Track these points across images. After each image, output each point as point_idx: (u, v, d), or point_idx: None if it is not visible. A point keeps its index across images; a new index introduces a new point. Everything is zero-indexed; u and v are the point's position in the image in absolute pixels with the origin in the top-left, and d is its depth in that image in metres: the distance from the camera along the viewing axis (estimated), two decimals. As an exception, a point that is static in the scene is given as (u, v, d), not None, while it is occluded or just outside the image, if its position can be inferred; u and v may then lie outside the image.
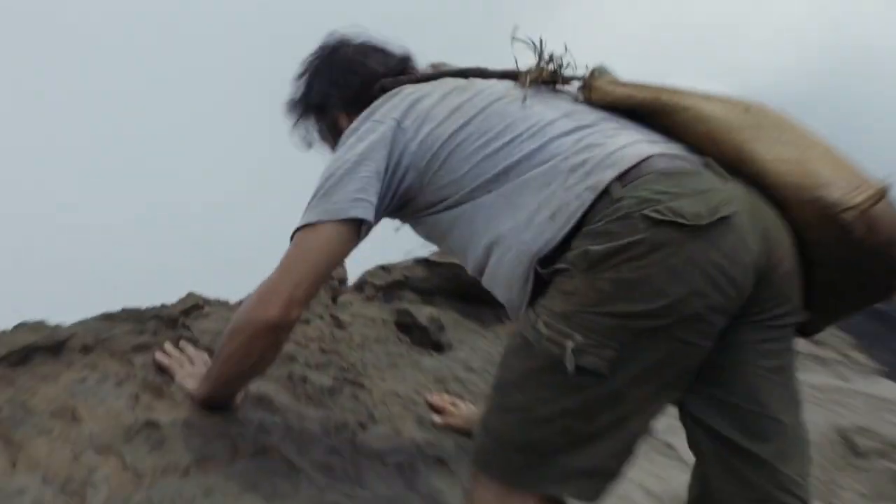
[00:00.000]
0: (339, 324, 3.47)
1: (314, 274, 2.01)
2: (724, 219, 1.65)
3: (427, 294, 4.03)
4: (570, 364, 1.67)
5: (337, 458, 2.36)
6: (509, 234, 1.85)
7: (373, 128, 2.06)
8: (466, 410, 2.94)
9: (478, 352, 3.58)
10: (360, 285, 3.99)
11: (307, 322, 3.36)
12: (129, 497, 1.90)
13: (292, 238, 2.02)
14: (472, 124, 1.99)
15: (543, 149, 1.88)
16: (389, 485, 2.35)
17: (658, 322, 1.65)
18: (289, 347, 3.02)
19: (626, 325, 1.65)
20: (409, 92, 2.14)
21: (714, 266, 1.64)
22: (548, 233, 1.78)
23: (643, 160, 1.76)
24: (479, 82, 2.14)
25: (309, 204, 2.04)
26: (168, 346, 2.64)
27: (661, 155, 1.79)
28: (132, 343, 2.68)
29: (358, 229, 2.02)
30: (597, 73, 2.05)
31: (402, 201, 2.09)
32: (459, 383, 3.25)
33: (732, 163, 1.79)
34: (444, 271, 4.05)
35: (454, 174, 1.98)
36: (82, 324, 2.75)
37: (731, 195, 1.71)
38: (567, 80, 2.09)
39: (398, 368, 3.23)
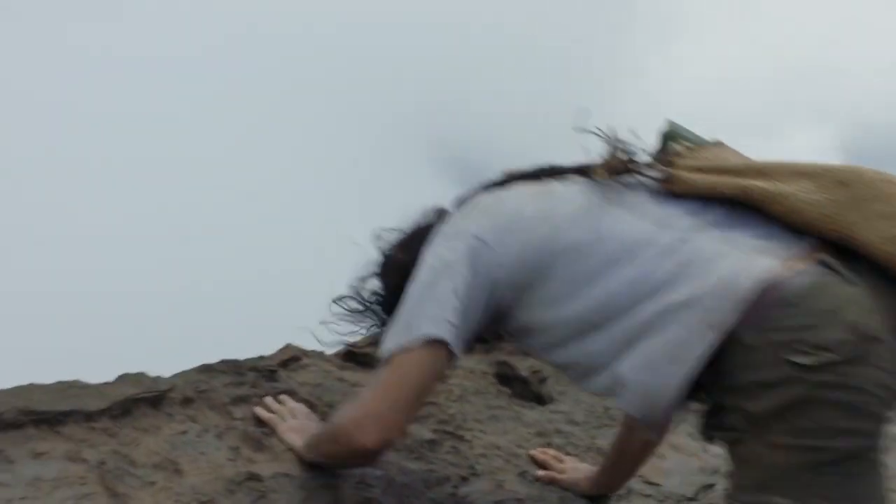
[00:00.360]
0: (437, 375, 3.41)
1: (413, 399, 1.96)
2: (870, 338, 1.60)
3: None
4: None
5: (440, 512, 2.29)
6: (631, 377, 1.78)
7: (451, 245, 1.97)
8: (570, 465, 2.85)
9: (581, 404, 3.48)
10: (458, 336, 3.92)
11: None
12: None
13: (383, 361, 1.98)
14: (561, 239, 1.89)
15: (647, 277, 1.78)
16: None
17: (854, 462, 1.62)
18: (388, 399, 2.97)
19: (823, 473, 1.60)
20: (482, 200, 2.06)
21: (879, 386, 1.60)
22: (673, 379, 1.71)
23: (763, 289, 1.67)
24: (555, 184, 2.02)
25: (394, 326, 1.99)
26: (268, 399, 2.61)
27: (778, 274, 1.68)
28: (231, 395, 2.67)
29: (447, 351, 1.93)
30: (671, 151, 1.95)
31: (496, 317, 2.01)
32: (562, 436, 3.15)
33: (840, 244, 1.72)
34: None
35: (550, 301, 1.90)
36: (182, 375, 2.76)
37: (862, 302, 1.64)
38: (642, 169, 1.99)
39: (499, 421, 3.15)
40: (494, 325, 2.03)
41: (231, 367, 2.90)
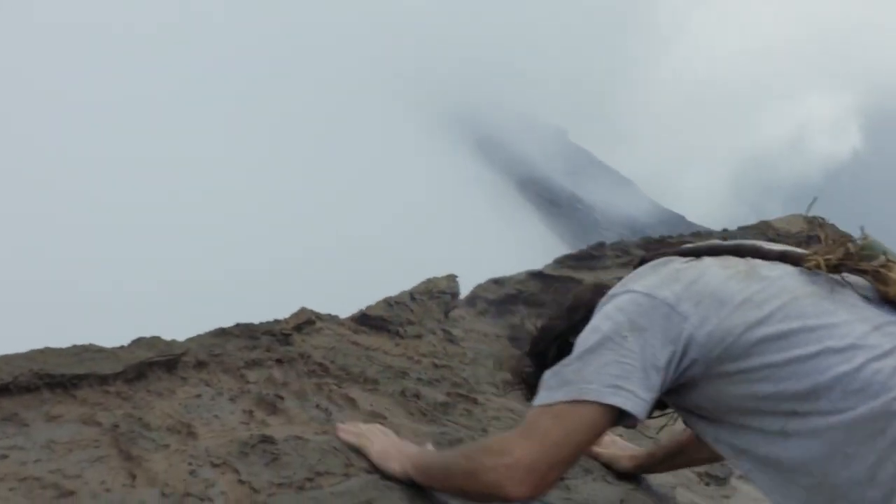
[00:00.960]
0: (451, 339, 3.42)
1: (571, 457, 1.80)
2: None
3: (541, 307, 3.96)
4: None
5: (452, 474, 2.30)
6: (847, 488, 1.65)
7: (638, 301, 1.83)
8: (609, 439, 2.77)
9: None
10: (472, 300, 3.93)
11: (419, 337, 3.32)
12: (245, 512, 1.88)
13: (540, 406, 1.83)
14: (768, 323, 1.75)
15: (861, 375, 1.67)
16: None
17: None
18: (401, 363, 2.98)
19: None
20: (678, 268, 1.91)
21: None
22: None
23: None
24: (762, 267, 1.89)
25: (559, 372, 1.84)
26: (347, 425, 2.40)
27: None
28: (245, 358, 2.68)
29: (615, 418, 1.80)
30: (881, 256, 1.84)
31: (676, 388, 1.87)
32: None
33: None
34: (559, 284, 3.96)
35: (748, 382, 1.76)
36: (196, 339, 2.77)
37: None
38: (858, 267, 1.86)
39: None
40: (670, 396, 1.91)
41: (245, 331, 2.91)
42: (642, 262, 2.04)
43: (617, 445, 2.75)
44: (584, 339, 1.84)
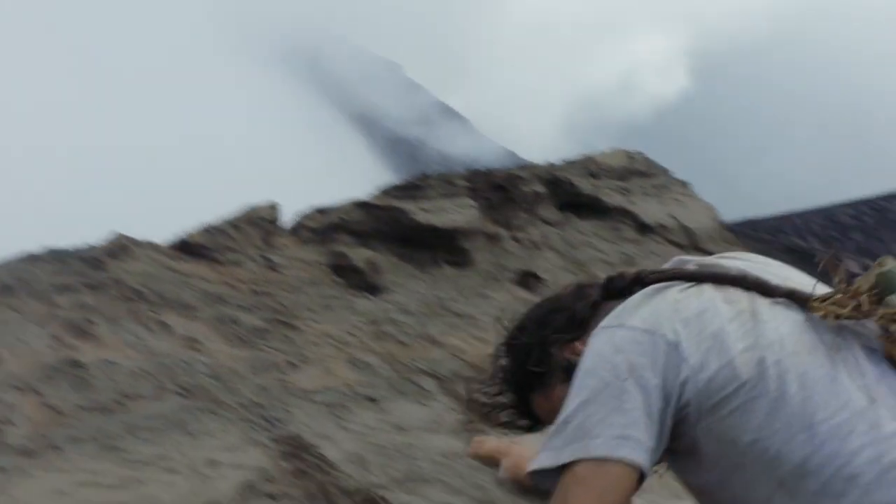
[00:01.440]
0: (272, 266, 3.41)
1: None
2: None
3: (364, 237, 3.99)
4: None
5: (265, 396, 2.33)
6: None
7: (638, 339, 1.83)
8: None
9: (414, 294, 3.55)
10: (296, 228, 3.92)
11: (238, 264, 3.30)
12: (50, 434, 1.85)
13: (552, 480, 1.84)
14: (769, 377, 1.76)
15: (851, 464, 1.69)
16: (320, 422, 2.32)
17: None
18: (220, 289, 2.96)
19: None
20: (677, 297, 1.90)
21: None
22: None
23: None
24: (765, 310, 1.88)
25: (560, 429, 1.84)
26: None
27: None
28: (55, 283, 2.60)
29: (636, 474, 1.81)
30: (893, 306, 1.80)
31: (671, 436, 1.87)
32: (395, 325, 3.22)
33: None
34: (383, 214, 4.00)
35: (741, 433, 1.76)
36: (4, 265, 2.67)
37: None
38: (869, 320, 1.84)
39: (332, 310, 3.19)
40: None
41: (55, 257, 2.82)
42: (635, 281, 1.89)
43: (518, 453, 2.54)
44: (580, 386, 1.72)
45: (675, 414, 1.53)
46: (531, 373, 1.94)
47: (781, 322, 1.57)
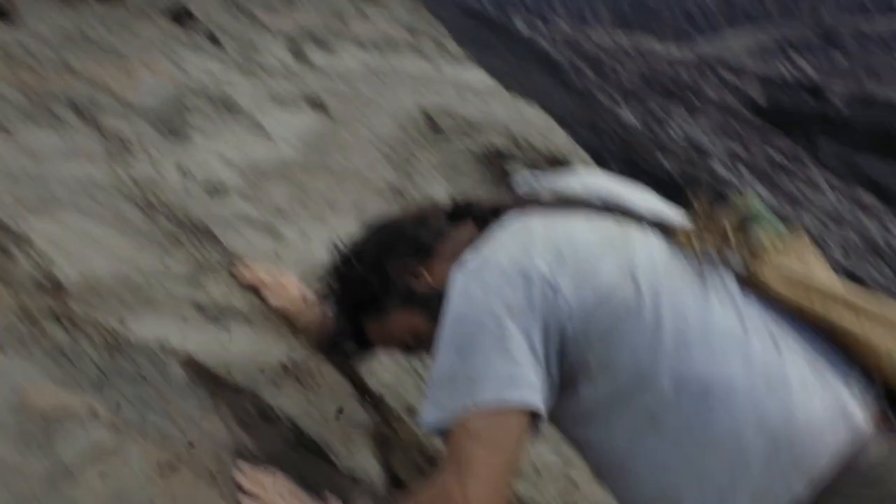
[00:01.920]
0: None
1: (509, 473, 1.59)
2: None
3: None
4: None
5: None
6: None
7: (509, 277, 1.58)
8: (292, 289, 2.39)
9: (55, 26, 3.26)
10: None
11: None
12: None
13: (449, 429, 1.59)
14: (644, 304, 1.59)
15: (732, 386, 1.56)
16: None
17: None
18: None
19: None
20: (541, 229, 1.65)
21: None
22: None
23: (854, 451, 1.54)
24: (634, 235, 1.69)
25: (443, 382, 1.60)
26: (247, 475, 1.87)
27: (865, 435, 1.55)
28: None
29: (529, 419, 1.58)
30: (759, 243, 1.70)
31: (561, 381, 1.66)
32: (31, 55, 2.97)
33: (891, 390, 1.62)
34: None
35: (619, 363, 1.60)
36: None
37: None
38: (733, 254, 1.72)
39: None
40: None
41: None
42: (493, 212, 1.77)
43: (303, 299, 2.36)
44: (456, 333, 1.59)
45: (557, 353, 1.59)
46: (368, 298, 1.88)
47: (651, 250, 1.66)
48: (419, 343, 1.85)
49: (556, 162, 3.80)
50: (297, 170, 2.98)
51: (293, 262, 2.53)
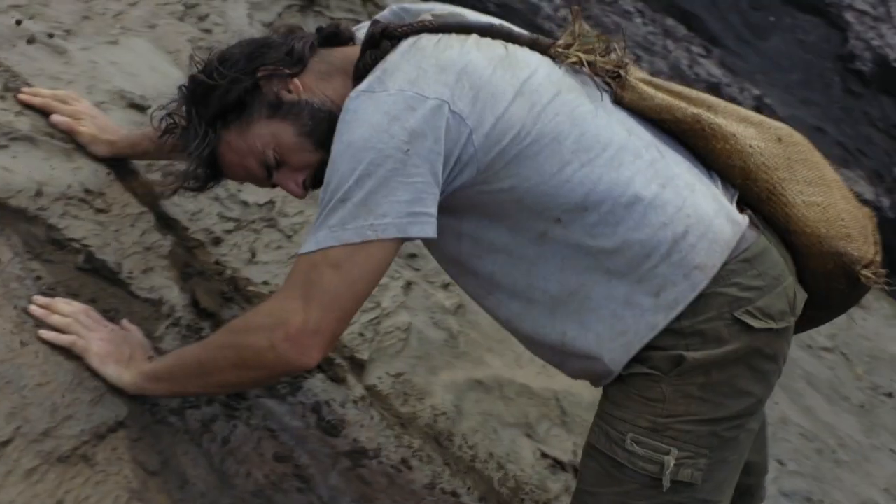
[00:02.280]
0: None
1: (358, 306, 1.61)
2: (796, 312, 1.71)
3: None
4: (667, 481, 1.64)
5: None
6: (604, 304, 1.66)
7: (411, 104, 1.54)
8: (88, 111, 2.22)
9: None
10: None
11: None
12: None
13: (312, 253, 1.54)
14: (542, 121, 1.61)
15: (632, 191, 1.64)
16: None
17: (742, 421, 1.70)
18: None
19: (716, 431, 1.66)
20: (443, 57, 1.61)
21: (783, 358, 1.74)
22: (651, 316, 1.65)
23: (738, 240, 1.67)
24: (519, 53, 1.69)
25: (336, 207, 1.53)
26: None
27: (738, 229, 1.69)
28: None
29: (401, 245, 1.60)
30: (621, 56, 1.76)
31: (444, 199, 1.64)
32: None
33: (759, 199, 1.76)
34: None
35: (520, 181, 1.62)
36: None
37: (790, 277, 1.72)
38: (598, 67, 1.75)
39: None
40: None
41: None
42: (382, 35, 1.70)
43: (97, 123, 2.19)
44: (355, 158, 1.52)
45: (456, 175, 1.59)
46: (233, 102, 1.72)
47: (538, 66, 1.68)
48: (278, 161, 1.78)
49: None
50: (83, -16, 2.77)
51: (83, 86, 2.38)
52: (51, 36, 2.43)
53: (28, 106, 2.14)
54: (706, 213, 1.66)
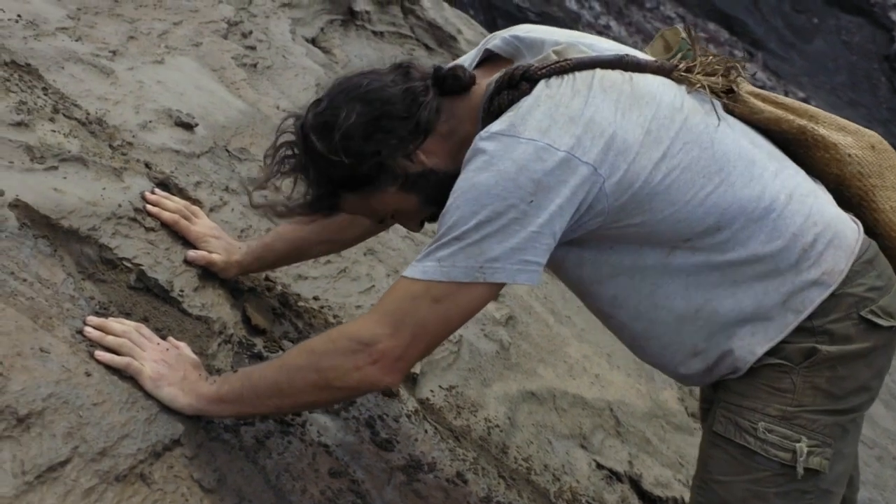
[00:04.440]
0: None
1: (445, 339, 1.68)
2: None
3: None
4: (800, 467, 1.69)
5: None
6: (732, 316, 1.71)
7: (541, 155, 1.55)
8: (208, 228, 2.19)
9: None
10: None
11: None
12: None
13: (415, 281, 1.57)
14: (671, 156, 1.63)
15: (765, 202, 1.69)
16: None
17: (858, 415, 1.78)
18: None
19: (839, 422, 1.72)
20: (563, 99, 1.61)
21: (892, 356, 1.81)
22: (781, 318, 1.71)
23: (861, 243, 1.75)
24: (644, 86, 1.68)
25: (450, 243, 1.56)
26: (115, 324, 1.76)
27: (857, 232, 1.77)
28: None
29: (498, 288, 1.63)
30: (733, 69, 1.81)
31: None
32: None
33: (849, 204, 1.84)
34: None
35: (652, 215, 1.65)
36: None
37: None
38: (723, 83, 1.80)
39: None
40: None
41: None
42: (511, 80, 1.67)
43: (222, 245, 2.16)
44: (478, 202, 1.54)
45: (581, 224, 1.62)
46: (356, 178, 1.74)
47: (662, 94, 1.68)
48: (400, 219, 1.86)
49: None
50: (127, 4, 2.80)
51: (130, 106, 2.40)
52: (94, 56, 2.45)
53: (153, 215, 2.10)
54: (831, 219, 1.73)
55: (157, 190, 2.14)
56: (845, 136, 1.82)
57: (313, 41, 3.54)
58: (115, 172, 2.11)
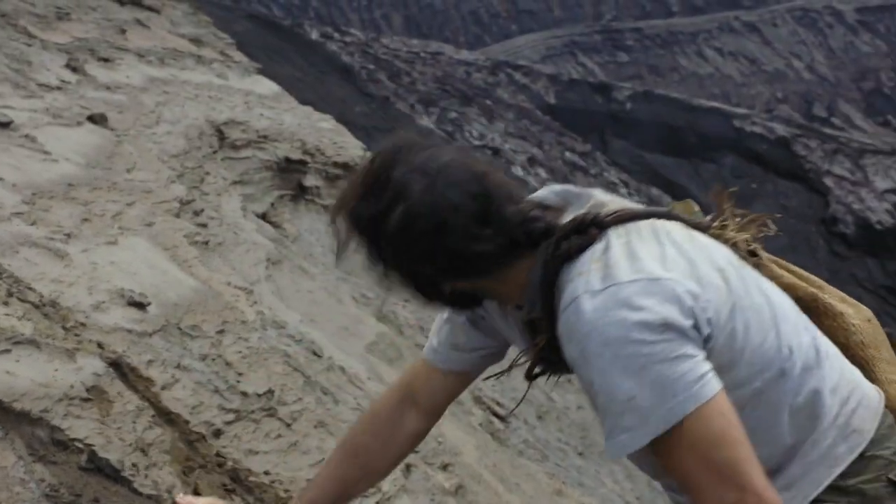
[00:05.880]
0: None
1: (748, 446, 1.57)
2: None
3: None
4: None
5: None
6: (770, 463, 1.67)
7: (646, 290, 1.56)
8: None
9: None
10: None
11: None
12: None
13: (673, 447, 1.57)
14: (739, 296, 1.66)
15: (800, 353, 1.71)
16: None
17: None
18: None
19: None
20: (655, 246, 1.66)
21: None
22: (815, 473, 1.72)
23: (884, 405, 1.79)
24: (696, 235, 1.75)
25: (623, 410, 1.55)
26: None
27: (880, 396, 1.80)
28: None
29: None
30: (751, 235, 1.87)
31: None
32: None
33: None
34: None
35: (732, 354, 1.65)
36: None
37: None
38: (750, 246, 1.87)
39: None
40: None
41: None
42: (581, 226, 1.68)
43: None
44: (611, 357, 1.55)
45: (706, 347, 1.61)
46: (420, 280, 1.69)
47: (711, 245, 1.74)
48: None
49: (349, 168, 3.85)
50: (82, 188, 2.90)
51: (84, 287, 2.46)
52: (48, 239, 2.52)
53: None
54: (859, 379, 1.78)
55: (181, 496, 2.05)
56: (847, 307, 1.89)
57: (264, 216, 3.65)
58: (67, 353, 2.15)
